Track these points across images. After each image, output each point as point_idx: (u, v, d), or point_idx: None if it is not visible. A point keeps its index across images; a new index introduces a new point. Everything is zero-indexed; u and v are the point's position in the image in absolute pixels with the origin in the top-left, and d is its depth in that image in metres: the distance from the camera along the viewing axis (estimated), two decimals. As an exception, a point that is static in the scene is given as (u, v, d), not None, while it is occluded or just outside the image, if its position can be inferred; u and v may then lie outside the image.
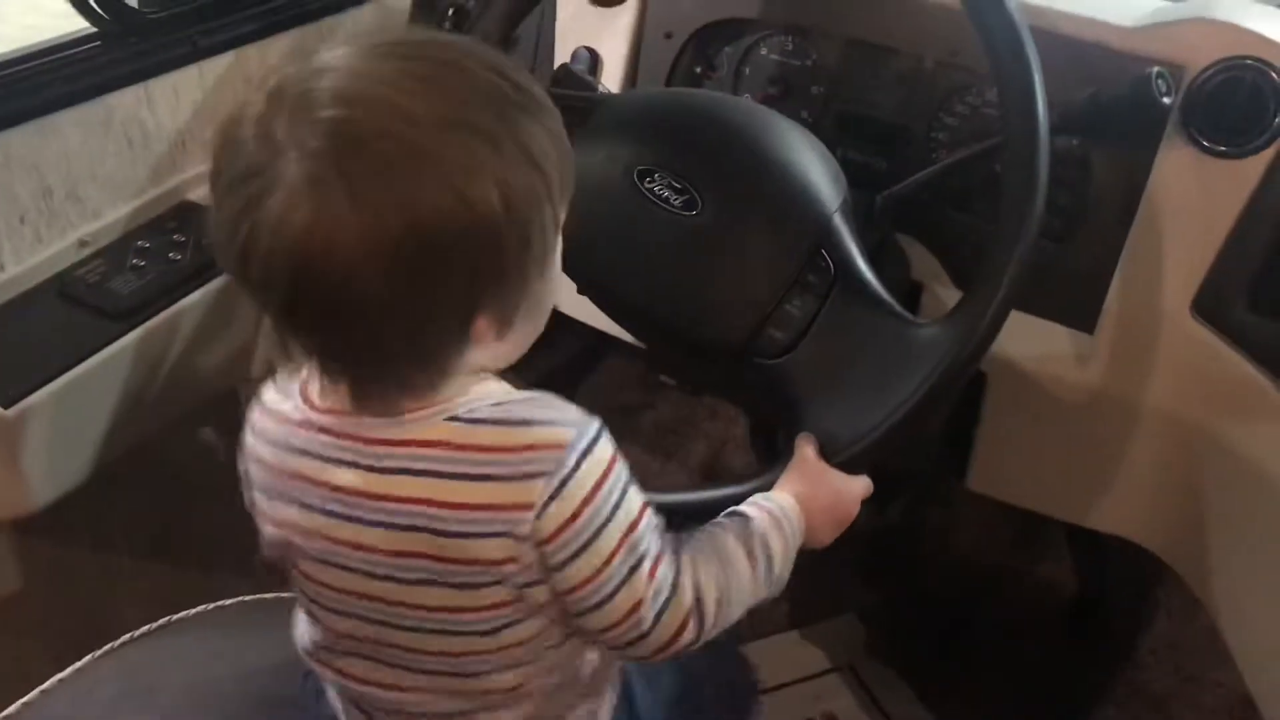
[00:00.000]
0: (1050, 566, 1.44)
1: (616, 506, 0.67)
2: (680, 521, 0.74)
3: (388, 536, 0.68)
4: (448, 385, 0.67)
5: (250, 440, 0.73)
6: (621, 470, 0.68)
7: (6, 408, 1.00)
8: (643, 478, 1.57)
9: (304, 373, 0.71)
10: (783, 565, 0.77)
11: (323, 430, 0.69)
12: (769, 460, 1.53)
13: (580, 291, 0.94)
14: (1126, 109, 0.90)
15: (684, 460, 1.67)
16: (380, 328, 0.62)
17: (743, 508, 0.78)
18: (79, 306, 1.11)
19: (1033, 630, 1.42)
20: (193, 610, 0.96)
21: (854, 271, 0.83)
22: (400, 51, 0.64)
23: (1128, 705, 1.35)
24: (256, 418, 0.73)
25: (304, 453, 0.70)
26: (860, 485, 0.82)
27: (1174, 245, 0.93)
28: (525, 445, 0.65)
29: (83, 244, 1.16)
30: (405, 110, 0.60)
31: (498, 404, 0.67)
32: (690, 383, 1.02)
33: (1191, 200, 0.92)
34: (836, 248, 0.83)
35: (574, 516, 0.66)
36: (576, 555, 0.67)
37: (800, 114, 1.09)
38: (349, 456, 0.68)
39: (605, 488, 0.67)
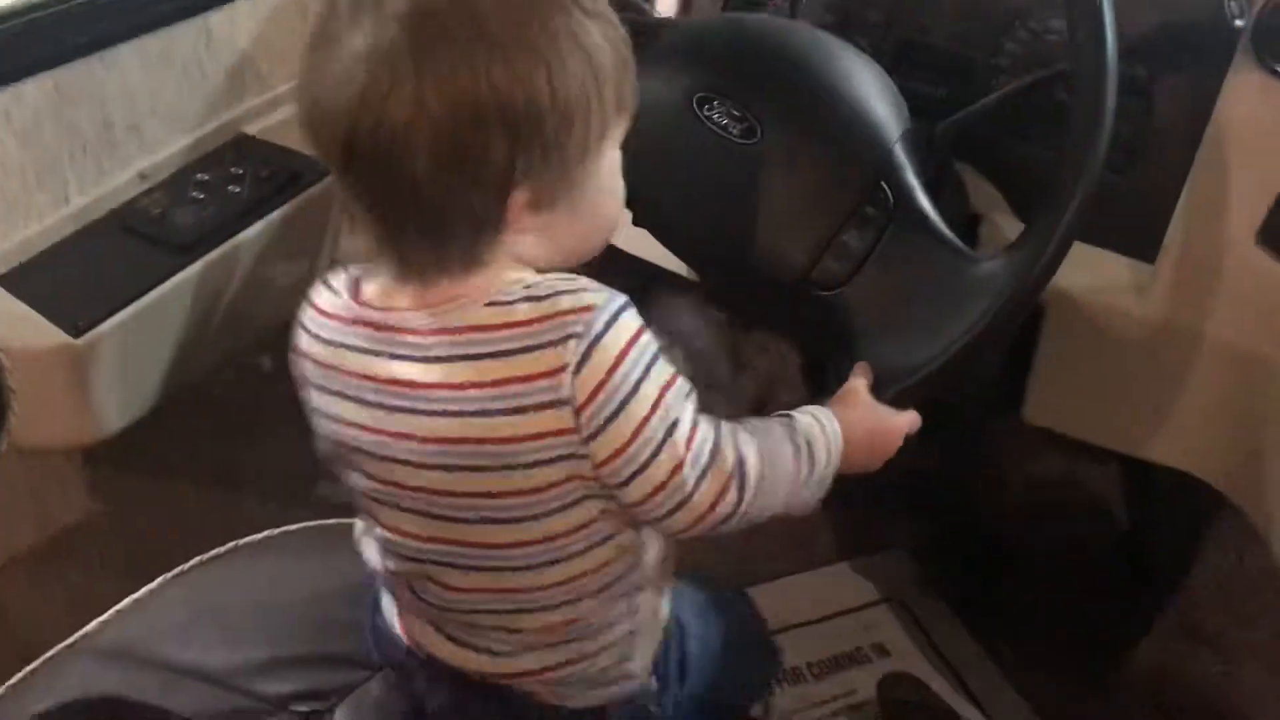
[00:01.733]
0: (1102, 502, 1.43)
1: (648, 368, 0.70)
2: None
3: (438, 424, 0.71)
4: (485, 271, 0.70)
5: (303, 340, 0.76)
6: (650, 340, 0.70)
7: (76, 337, 1.03)
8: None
9: (353, 271, 0.75)
10: (824, 467, 0.78)
11: (371, 325, 0.72)
12: (819, 396, 1.55)
13: (636, 222, 0.94)
14: (1196, 33, 0.88)
15: (736, 395, 1.68)
16: (425, 189, 0.66)
17: (788, 411, 0.79)
18: (142, 239, 1.13)
19: (1083, 566, 1.42)
20: (258, 535, 0.98)
21: (913, 204, 0.82)
22: None
23: (1177, 642, 1.35)
24: (309, 316, 0.76)
25: (355, 348, 0.73)
26: (905, 420, 0.82)
27: (1240, 172, 0.92)
28: (557, 313, 0.68)
29: (143, 177, 1.18)
30: (466, 3, 0.65)
31: (529, 285, 0.70)
32: (744, 316, 1.02)
33: (1260, 126, 0.91)
34: (897, 179, 0.83)
35: (609, 374, 0.68)
36: (615, 416, 0.69)
37: (858, 42, 1.06)
38: (399, 349, 0.71)
39: (635, 350, 0.69)
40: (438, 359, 0.70)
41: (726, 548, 1.52)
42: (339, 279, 0.76)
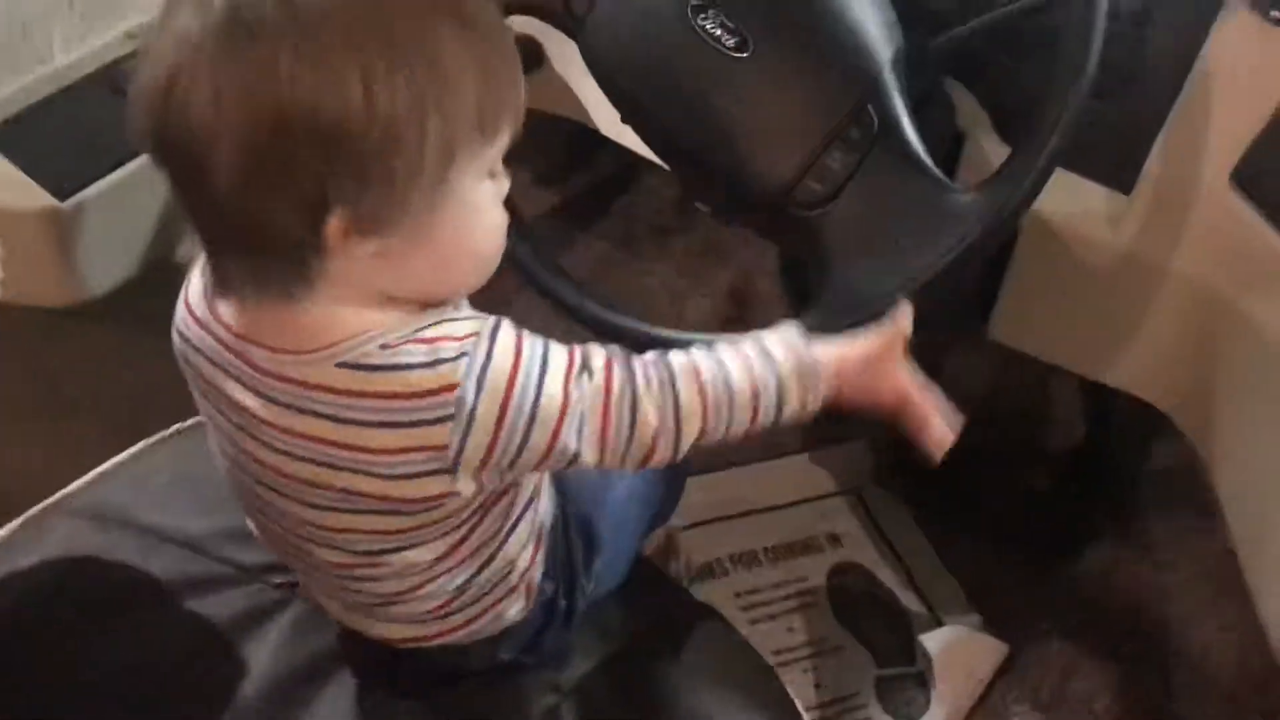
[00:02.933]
0: (1059, 413, 1.48)
1: (537, 398, 0.66)
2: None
3: (294, 464, 0.69)
4: (318, 301, 0.65)
5: (176, 319, 0.73)
6: (530, 357, 0.67)
7: (62, 200, 1.03)
8: (670, 299, 1.62)
9: None
10: (796, 408, 0.74)
11: (218, 339, 0.69)
12: (795, 293, 1.57)
13: (624, 120, 0.95)
14: (1194, -29, 0.89)
15: (711, 284, 1.70)
16: (229, 200, 0.60)
17: (773, 349, 0.74)
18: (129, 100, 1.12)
19: (1036, 472, 1.47)
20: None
21: (898, 129, 0.83)
22: None
23: (1120, 548, 1.41)
24: (181, 301, 0.73)
25: (204, 356, 0.71)
26: (903, 382, 0.77)
27: (1221, 113, 0.93)
28: (424, 391, 0.64)
29: (130, 36, 1.16)
30: None
31: (385, 346, 0.65)
32: (724, 215, 1.04)
33: (1246, 68, 0.92)
34: (883, 103, 0.84)
35: (495, 436, 0.66)
36: (518, 455, 0.67)
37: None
38: (245, 379, 0.68)
39: (516, 396, 0.66)
40: (285, 405, 0.67)
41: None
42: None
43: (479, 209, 0.67)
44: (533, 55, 1.16)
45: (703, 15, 0.87)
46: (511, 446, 0.67)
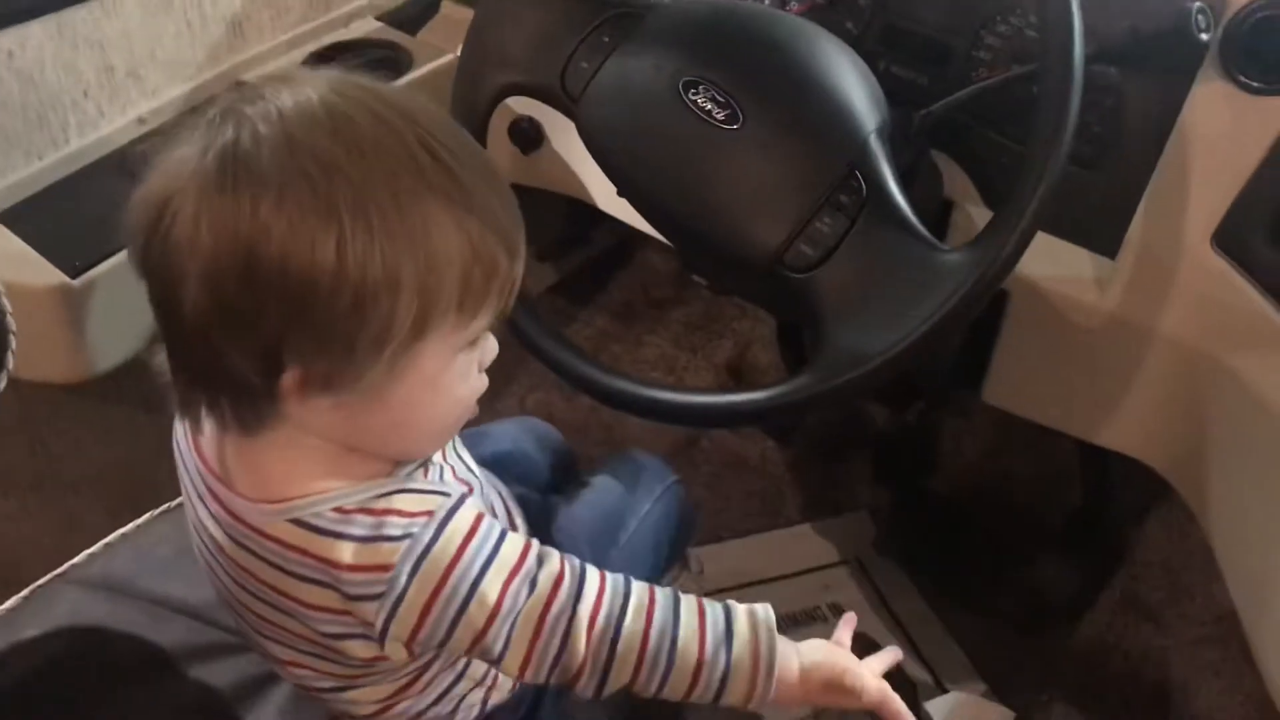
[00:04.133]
0: (1057, 478, 1.48)
1: (470, 595, 0.65)
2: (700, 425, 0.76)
3: (247, 598, 0.71)
4: (274, 442, 0.65)
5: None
6: (476, 552, 0.65)
7: (73, 278, 1.06)
8: (669, 370, 1.64)
9: None
10: (734, 703, 0.71)
11: (197, 468, 0.71)
12: (792, 361, 1.58)
13: (619, 194, 0.98)
14: (1164, 42, 0.92)
15: (710, 356, 1.72)
16: (190, 329, 0.60)
17: (738, 627, 0.71)
18: (139, 183, 1.15)
19: (1035, 537, 1.47)
20: (245, 477, 1.02)
21: (886, 193, 0.86)
22: (353, 93, 0.62)
23: (1121, 612, 1.41)
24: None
25: (189, 475, 0.73)
26: (873, 691, 0.75)
27: (1200, 177, 0.95)
28: (357, 565, 0.64)
29: (141, 121, 1.20)
30: (298, 142, 0.59)
31: (338, 510, 0.65)
32: (719, 286, 1.06)
33: (1222, 134, 0.94)
34: (870, 169, 0.86)
35: (420, 623, 0.65)
36: (445, 641, 0.67)
37: (845, 25, 1.10)
38: (213, 510, 0.70)
39: (448, 589, 0.65)
40: (240, 545, 0.68)
41: (697, 504, 1.58)
42: None
43: (441, 385, 0.65)
44: (533, 135, 1.20)
45: (694, 90, 0.90)
46: (438, 633, 0.66)
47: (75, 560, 0.95)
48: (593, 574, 0.70)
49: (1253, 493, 0.98)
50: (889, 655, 0.79)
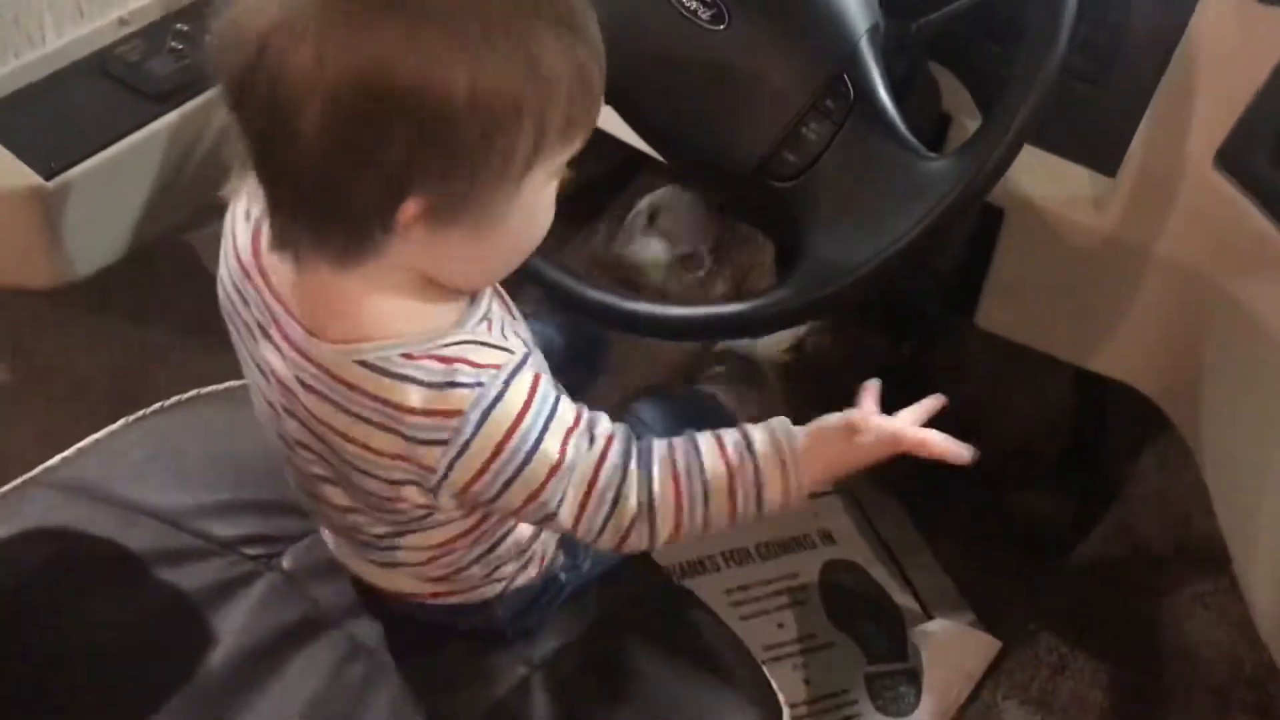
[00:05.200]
0: (1054, 412, 1.47)
1: (533, 450, 0.67)
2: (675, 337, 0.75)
3: (308, 437, 0.71)
4: (364, 276, 0.65)
5: (223, 253, 0.73)
6: (538, 411, 0.67)
7: (48, 179, 1.03)
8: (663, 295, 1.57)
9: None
10: (773, 506, 0.75)
11: (260, 294, 0.70)
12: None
13: (605, 101, 0.95)
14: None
15: (710, 287, 1.69)
16: (309, 161, 0.59)
17: (758, 442, 0.74)
18: (118, 85, 1.12)
19: (1030, 469, 1.46)
20: (220, 386, 1.01)
21: (874, 100, 0.83)
22: None
23: (1111, 545, 1.40)
24: (228, 235, 0.73)
25: (245, 303, 0.71)
26: (886, 425, 0.76)
27: (1205, 93, 0.92)
28: (425, 409, 0.65)
29: (122, 22, 1.17)
30: None
31: (407, 355, 0.65)
32: (711, 201, 1.04)
33: (1229, 48, 0.91)
34: (859, 74, 0.83)
35: (481, 472, 0.66)
36: (498, 496, 0.68)
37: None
38: (272, 335, 0.69)
39: (514, 441, 0.66)
40: (302, 383, 0.68)
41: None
42: (257, 205, 0.70)
43: (540, 211, 0.68)
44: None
45: (680, -13, 0.87)
46: (495, 486, 0.68)
47: (47, 464, 0.95)
48: (628, 433, 0.73)
49: (1246, 420, 0.96)
50: (930, 403, 0.80)
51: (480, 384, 0.65)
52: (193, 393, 1.01)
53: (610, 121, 0.96)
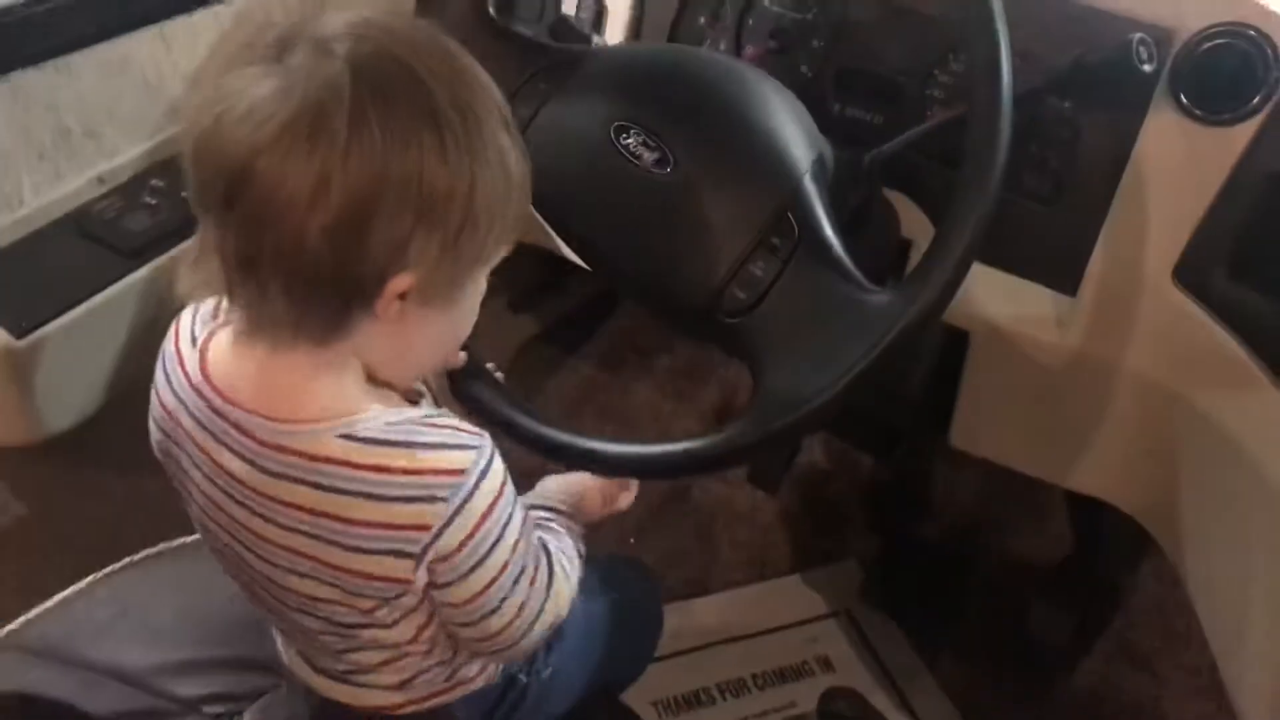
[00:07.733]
0: (1047, 524, 1.45)
1: (507, 524, 0.72)
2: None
3: (275, 531, 0.70)
4: (333, 359, 0.67)
5: (158, 370, 0.74)
6: (510, 487, 0.72)
7: (19, 338, 1.04)
8: (655, 418, 1.64)
9: (204, 323, 0.73)
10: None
11: (208, 402, 0.70)
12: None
13: (559, 237, 0.96)
14: (1111, 73, 0.89)
15: (695, 403, 1.70)
16: (311, 246, 0.61)
17: (558, 530, 0.88)
18: (94, 242, 1.15)
19: (1026, 585, 1.43)
20: (188, 538, 1.00)
21: (818, 235, 0.83)
22: (419, 34, 0.66)
23: (1113, 661, 1.36)
24: (167, 352, 0.74)
25: (192, 416, 0.71)
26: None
27: (1157, 211, 0.93)
28: (426, 469, 0.67)
29: (100, 181, 1.20)
30: (420, 75, 0.63)
31: (392, 424, 0.68)
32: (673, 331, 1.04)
33: (1177, 167, 0.92)
34: (802, 211, 0.84)
35: (470, 536, 0.69)
36: (470, 572, 0.71)
37: (800, 69, 1.08)
38: (237, 446, 0.69)
39: (499, 508, 0.70)
40: (277, 474, 0.68)
41: (683, 560, 1.55)
42: (199, 322, 0.73)
43: (478, 299, 0.73)
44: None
45: (625, 135, 0.88)
46: (479, 551, 0.70)
47: (10, 626, 0.94)
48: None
49: (1225, 538, 0.94)
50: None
51: (478, 447, 0.69)
52: (159, 547, 1.00)
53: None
